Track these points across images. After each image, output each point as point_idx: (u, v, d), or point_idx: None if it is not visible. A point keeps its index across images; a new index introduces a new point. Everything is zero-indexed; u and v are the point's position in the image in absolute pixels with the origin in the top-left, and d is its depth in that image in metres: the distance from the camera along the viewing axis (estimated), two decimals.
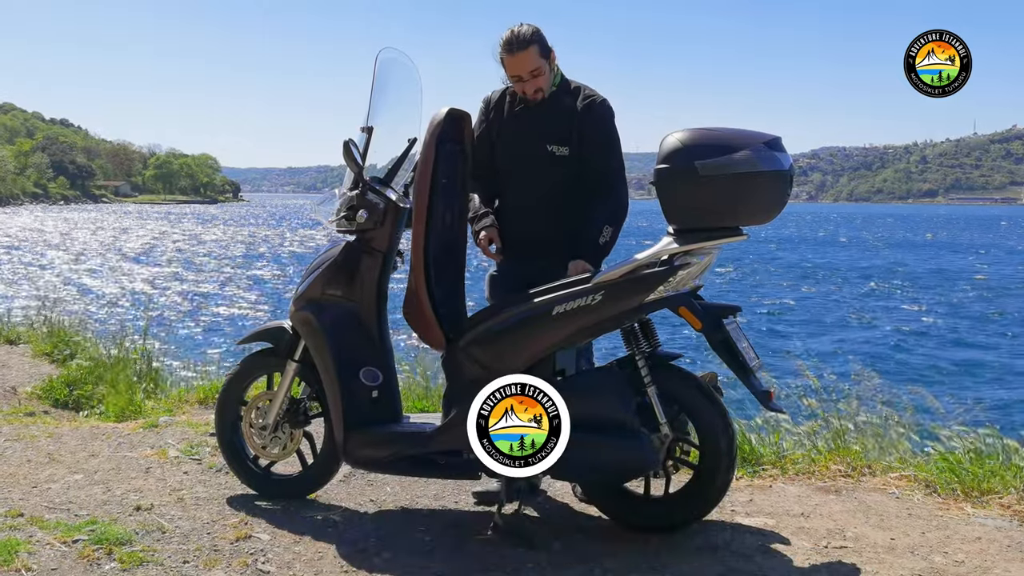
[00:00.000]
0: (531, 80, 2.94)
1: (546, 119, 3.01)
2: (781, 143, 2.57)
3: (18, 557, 2.58)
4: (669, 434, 2.71)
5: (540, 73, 2.94)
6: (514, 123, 3.08)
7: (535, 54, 2.91)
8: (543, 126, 3.01)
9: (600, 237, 2.90)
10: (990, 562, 2.63)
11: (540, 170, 3.03)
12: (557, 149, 2.99)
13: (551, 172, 3.02)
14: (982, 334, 16.34)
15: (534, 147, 3.02)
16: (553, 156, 3.00)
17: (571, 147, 2.99)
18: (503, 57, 2.94)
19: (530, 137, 3.03)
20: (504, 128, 3.10)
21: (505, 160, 3.11)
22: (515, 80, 2.96)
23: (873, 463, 3.52)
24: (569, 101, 3.01)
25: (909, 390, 4.24)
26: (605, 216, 2.93)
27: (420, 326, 2.88)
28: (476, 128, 3.10)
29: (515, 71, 2.93)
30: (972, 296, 22.70)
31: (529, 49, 2.90)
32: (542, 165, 3.02)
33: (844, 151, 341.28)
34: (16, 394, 5.11)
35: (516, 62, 2.91)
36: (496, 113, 3.12)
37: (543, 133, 3.00)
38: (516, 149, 3.07)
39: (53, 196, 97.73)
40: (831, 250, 43.41)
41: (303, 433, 3.17)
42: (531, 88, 2.96)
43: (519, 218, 3.10)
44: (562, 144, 2.99)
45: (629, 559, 2.63)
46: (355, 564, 2.63)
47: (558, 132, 2.99)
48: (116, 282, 21.23)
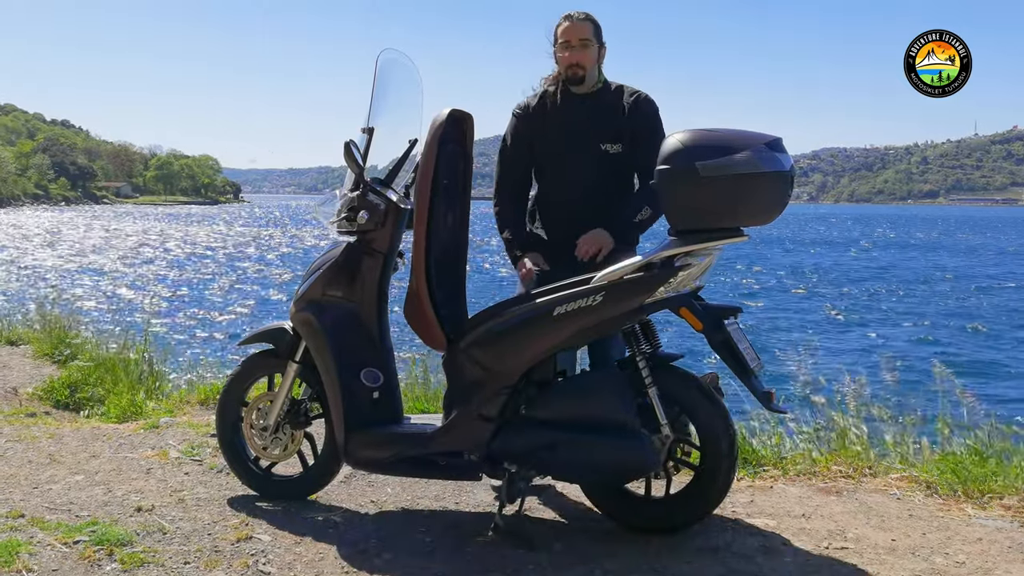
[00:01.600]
0: (579, 49, 3.03)
1: (596, 117, 3.06)
2: (782, 144, 2.57)
3: (19, 558, 2.58)
4: (670, 435, 2.71)
5: (588, 46, 3.04)
6: (562, 123, 3.10)
7: (590, 29, 3.04)
8: (594, 124, 3.05)
9: (637, 216, 2.97)
10: (991, 563, 2.62)
11: (590, 168, 3.06)
12: (611, 147, 3.04)
13: (601, 170, 3.06)
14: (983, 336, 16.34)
15: (586, 145, 3.06)
16: (607, 154, 3.05)
17: (623, 144, 3.04)
18: (560, 24, 3.06)
19: (581, 135, 3.06)
20: (549, 129, 3.12)
21: (550, 158, 3.14)
22: (563, 46, 3.05)
23: (874, 464, 3.52)
24: (614, 99, 3.07)
25: (905, 391, 4.24)
26: (646, 198, 2.98)
27: (421, 327, 2.89)
28: (511, 133, 3.18)
29: (567, 36, 3.04)
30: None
31: (587, 23, 3.04)
32: (593, 163, 3.06)
33: (845, 152, 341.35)
34: (17, 395, 5.11)
35: (572, 27, 3.03)
36: (537, 115, 3.15)
37: (596, 132, 3.05)
38: (565, 147, 3.09)
39: (54, 197, 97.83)
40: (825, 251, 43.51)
41: (304, 434, 3.18)
42: (575, 58, 3.03)
43: (564, 216, 3.12)
44: (615, 142, 3.04)
45: (630, 560, 2.63)
46: (356, 565, 2.63)
47: (610, 130, 3.04)
48: (115, 283, 21.24)
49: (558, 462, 2.73)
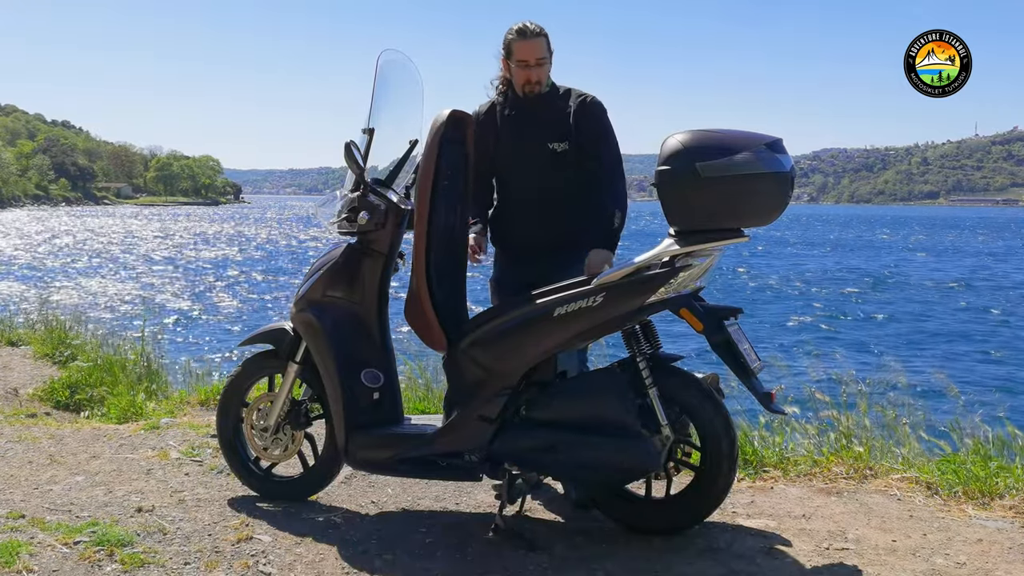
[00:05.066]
0: (536, 68, 3.06)
1: (543, 119, 3.11)
2: (782, 144, 2.57)
3: (19, 559, 2.58)
4: (670, 436, 2.70)
5: (544, 63, 3.08)
6: (512, 126, 3.16)
7: (544, 44, 3.07)
8: (541, 126, 3.10)
9: (613, 221, 2.99)
10: (992, 564, 2.62)
11: (541, 168, 3.10)
12: (558, 146, 3.08)
13: (552, 170, 3.10)
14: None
15: (535, 146, 3.10)
16: (554, 153, 3.09)
17: (570, 142, 3.08)
18: (513, 43, 3.06)
19: (530, 137, 3.11)
20: (501, 133, 3.17)
21: (505, 162, 3.19)
22: (521, 66, 3.06)
23: (875, 465, 3.52)
24: (561, 102, 3.13)
25: (908, 394, 4.24)
26: (613, 202, 3.02)
27: (421, 328, 2.89)
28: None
29: (524, 56, 3.05)
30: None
31: (540, 39, 3.05)
32: (543, 163, 3.10)
33: (845, 152, 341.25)
34: (18, 396, 5.12)
35: (528, 47, 3.04)
36: (488, 122, 3.19)
37: (542, 132, 3.10)
38: (517, 150, 3.14)
39: (54, 198, 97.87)
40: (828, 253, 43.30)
41: (304, 435, 3.17)
42: (534, 76, 3.07)
43: (521, 218, 3.17)
44: (561, 140, 3.08)
45: (630, 561, 2.63)
46: (356, 566, 2.63)
47: (556, 130, 3.09)
48: (116, 282, 21.24)
49: (558, 463, 2.73)
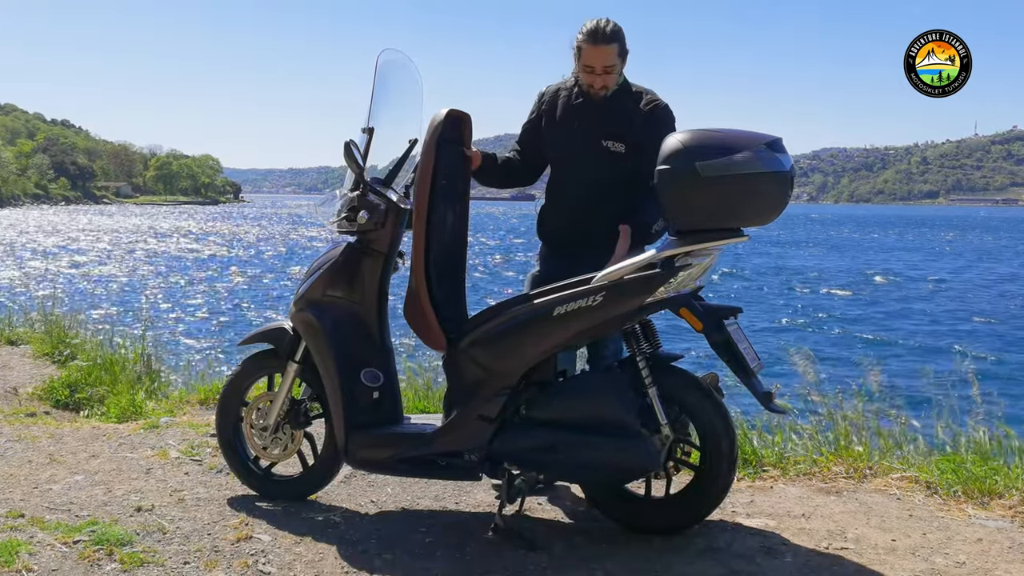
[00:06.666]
0: (602, 75, 2.96)
1: (604, 116, 3.04)
2: (782, 144, 2.57)
3: (19, 558, 2.58)
4: (670, 435, 2.71)
5: (612, 71, 2.97)
6: (570, 118, 3.09)
7: (615, 52, 2.95)
8: (600, 123, 3.03)
9: (654, 226, 2.91)
10: (991, 563, 2.62)
11: (593, 165, 3.05)
12: (612, 145, 3.01)
13: (604, 167, 3.04)
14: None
15: (590, 142, 3.04)
16: (608, 152, 3.02)
17: (627, 145, 3.00)
18: (582, 45, 2.95)
19: (586, 132, 3.05)
20: (559, 122, 3.12)
21: (557, 153, 3.14)
22: (587, 71, 2.98)
23: (874, 464, 3.52)
24: (629, 102, 3.04)
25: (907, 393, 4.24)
26: (658, 210, 2.89)
27: (421, 327, 2.88)
28: (528, 117, 3.20)
29: (590, 61, 2.95)
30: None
31: (612, 45, 2.93)
32: (596, 159, 3.04)
33: (845, 152, 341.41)
34: (17, 395, 5.11)
35: (595, 53, 2.93)
36: (550, 106, 3.15)
37: (600, 129, 3.02)
38: (571, 143, 3.09)
39: (54, 197, 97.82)
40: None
41: (304, 434, 3.17)
42: (599, 83, 2.98)
43: (568, 211, 3.12)
44: (618, 140, 3.01)
45: (630, 561, 2.63)
46: (356, 565, 2.63)
47: (616, 129, 3.01)
48: (115, 281, 21.24)
49: (558, 462, 2.72)
